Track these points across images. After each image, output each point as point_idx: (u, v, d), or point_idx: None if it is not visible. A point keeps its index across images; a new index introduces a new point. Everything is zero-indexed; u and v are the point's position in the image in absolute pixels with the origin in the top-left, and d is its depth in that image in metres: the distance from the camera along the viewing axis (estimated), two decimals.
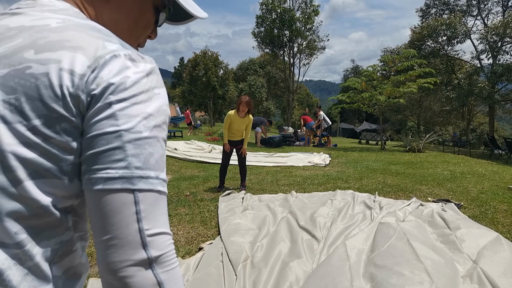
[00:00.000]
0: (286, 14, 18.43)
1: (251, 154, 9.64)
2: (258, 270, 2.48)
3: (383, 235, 2.92)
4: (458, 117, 27.79)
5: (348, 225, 3.36)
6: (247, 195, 4.56)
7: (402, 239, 2.80)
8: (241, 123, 5.12)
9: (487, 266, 2.41)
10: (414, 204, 3.99)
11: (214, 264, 2.57)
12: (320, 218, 3.47)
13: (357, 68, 44.44)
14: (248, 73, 41.46)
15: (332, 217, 3.60)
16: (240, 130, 5.18)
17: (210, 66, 27.68)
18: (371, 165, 7.47)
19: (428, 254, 2.55)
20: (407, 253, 2.55)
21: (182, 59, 60.22)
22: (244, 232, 3.20)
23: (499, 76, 18.74)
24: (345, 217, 3.59)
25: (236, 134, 5.20)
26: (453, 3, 22.55)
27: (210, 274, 2.45)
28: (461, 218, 3.51)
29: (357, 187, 5.23)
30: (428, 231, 3.18)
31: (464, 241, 2.86)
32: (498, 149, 12.80)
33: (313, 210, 3.74)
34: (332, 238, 3.02)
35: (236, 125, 5.12)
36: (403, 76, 11.53)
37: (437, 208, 3.79)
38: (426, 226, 3.30)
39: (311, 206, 4.01)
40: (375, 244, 2.78)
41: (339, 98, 13.39)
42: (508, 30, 18.41)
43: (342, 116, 42.75)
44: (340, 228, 3.26)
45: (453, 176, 5.99)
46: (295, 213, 3.65)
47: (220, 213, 3.84)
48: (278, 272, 2.46)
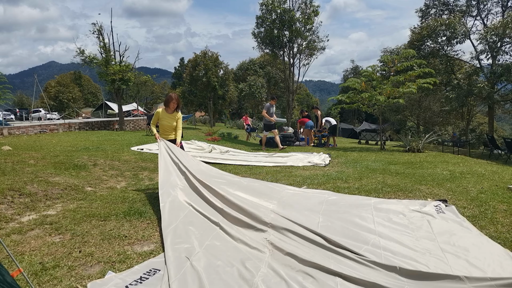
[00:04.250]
0: (286, 14, 18.44)
1: (251, 154, 9.64)
2: None
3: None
4: (457, 117, 27.80)
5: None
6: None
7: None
8: (170, 119, 5.33)
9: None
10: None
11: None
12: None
13: (356, 68, 44.42)
14: (248, 74, 41.48)
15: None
16: (171, 127, 5.38)
17: (210, 67, 27.67)
18: (371, 165, 7.48)
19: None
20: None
21: (182, 59, 60.23)
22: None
23: (499, 76, 18.73)
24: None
25: (168, 131, 5.41)
26: (453, 4, 22.55)
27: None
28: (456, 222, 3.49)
29: (356, 187, 5.24)
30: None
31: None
32: (498, 149, 12.81)
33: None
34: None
35: (166, 121, 5.33)
36: (402, 77, 11.53)
37: (431, 211, 3.75)
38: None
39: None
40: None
41: (339, 98, 13.39)
42: (507, 31, 18.41)
43: (342, 116, 42.74)
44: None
45: (453, 176, 6.00)
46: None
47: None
48: None
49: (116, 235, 3.36)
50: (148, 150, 9.53)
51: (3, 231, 3.46)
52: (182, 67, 51.88)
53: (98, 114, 37.09)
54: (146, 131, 17.23)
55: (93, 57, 18.12)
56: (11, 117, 25.44)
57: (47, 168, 6.16)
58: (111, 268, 2.69)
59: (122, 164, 7.37)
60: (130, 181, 6.01)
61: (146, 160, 8.03)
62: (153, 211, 4.16)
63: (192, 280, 2.39)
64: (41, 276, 2.54)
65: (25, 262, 2.75)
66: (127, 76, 18.27)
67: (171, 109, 5.28)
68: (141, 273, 2.56)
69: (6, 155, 7.09)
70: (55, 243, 3.16)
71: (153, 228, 3.61)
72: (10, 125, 15.10)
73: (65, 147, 9.56)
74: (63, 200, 4.63)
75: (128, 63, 18.79)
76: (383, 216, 3.52)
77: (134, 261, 2.82)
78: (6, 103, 21.74)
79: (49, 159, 7.03)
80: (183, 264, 2.61)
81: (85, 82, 55.75)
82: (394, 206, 3.86)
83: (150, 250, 3.05)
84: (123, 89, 20.40)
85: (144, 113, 31.45)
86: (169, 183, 4.21)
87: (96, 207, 4.34)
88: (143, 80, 29.10)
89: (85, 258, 2.86)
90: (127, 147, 10.06)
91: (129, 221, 3.78)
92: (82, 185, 5.39)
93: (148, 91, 56.39)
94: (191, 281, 2.38)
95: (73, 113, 38.20)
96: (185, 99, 30.54)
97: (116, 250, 3.03)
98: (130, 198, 4.81)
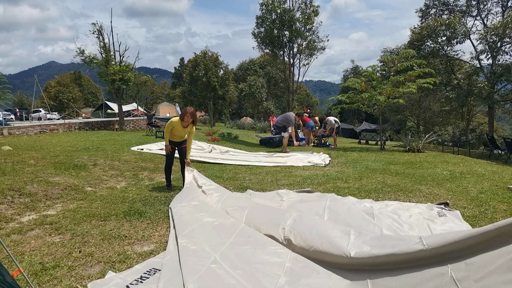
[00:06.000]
0: (286, 14, 18.42)
1: (251, 154, 9.64)
2: None
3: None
4: (457, 117, 27.81)
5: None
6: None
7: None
8: (183, 131, 5.25)
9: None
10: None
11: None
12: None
13: (356, 68, 44.43)
14: (248, 74, 41.45)
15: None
16: (181, 137, 5.32)
17: (210, 67, 27.63)
18: (371, 165, 7.48)
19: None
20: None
21: (183, 59, 60.25)
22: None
23: (499, 76, 18.73)
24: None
25: (177, 138, 5.33)
26: (453, 4, 22.54)
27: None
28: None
29: (356, 187, 5.24)
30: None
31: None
32: (498, 149, 12.81)
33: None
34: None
35: (178, 132, 5.23)
36: (402, 77, 11.54)
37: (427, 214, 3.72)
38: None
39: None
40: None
41: (339, 98, 13.41)
42: (507, 31, 18.41)
43: (342, 116, 42.74)
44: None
45: (453, 176, 6.00)
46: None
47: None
48: None
49: (116, 235, 3.36)
50: (148, 150, 9.54)
51: (3, 231, 3.46)
52: (182, 67, 51.86)
53: (98, 114, 37.10)
54: (146, 131, 17.22)
55: (93, 57, 18.09)
56: (11, 117, 25.42)
57: (47, 168, 6.16)
58: (111, 268, 2.69)
59: (122, 164, 7.37)
60: (130, 181, 6.01)
61: (146, 160, 8.03)
62: (153, 211, 4.16)
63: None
64: (41, 276, 2.54)
65: (25, 262, 2.75)
66: (127, 76, 18.25)
67: (185, 123, 5.13)
68: (141, 273, 2.56)
69: (6, 155, 7.09)
70: (55, 243, 3.16)
71: (153, 228, 3.61)
72: (10, 125, 15.09)
73: (65, 147, 9.56)
74: (63, 200, 4.63)
75: (128, 63, 18.77)
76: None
77: (134, 261, 2.82)
78: (6, 103, 21.70)
79: (49, 159, 7.03)
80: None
81: (85, 82, 55.76)
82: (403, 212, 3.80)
83: (150, 250, 3.05)
84: (123, 89, 20.38)
85: (144, 113, 31.45)
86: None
87: (96, 207, 4.34)
88: (143, 80, 29.07)
89: (85, 258, 2.86)
90: (127, 147, 10.06)
91: (129, 221, 3.78)
92: (82, 185, 5.39)
93: (148, 91, 56.42)
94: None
95: (73, 113, 38.20)
96: (185, 99, 30.52)
97: (116, 250, 3.03)
98: (130, 198, 4.81)
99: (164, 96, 58.50)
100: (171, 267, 2.59)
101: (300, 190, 4.95)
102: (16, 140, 11.39)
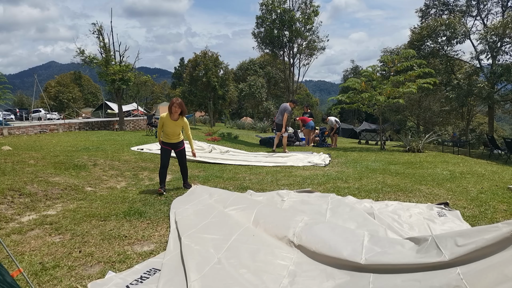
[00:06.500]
0: (286, 14, 18.43)
1: (251, 154, 9.64)
2: None
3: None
4: (457, 117, 27.80)
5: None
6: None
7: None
8: (174, 126, 5.03)
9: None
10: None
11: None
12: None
13: (356, 68, 44.44)
14: (248, 74, 41.46)
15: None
16: (175, 133, 5.11)
17: (210, 67, 27.64)
18: (371, 165, 7.48)
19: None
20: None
21: (183, 59, 60.26)
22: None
23: (499, 76, 18.73)
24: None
25: (172, 137, 5.13)
26: (453, 4, 22.55)
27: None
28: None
29: (356, 187, 5.24)
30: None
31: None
32: (498, 149, 12.80)
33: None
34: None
35: (170, 128, 5.03)
36: (402, 77, 11.53)
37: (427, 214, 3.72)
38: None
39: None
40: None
41: (339, 98, 13.41)
42: (507, 31, 18.41)
43: (342, 116, 42.75)
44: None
45: (453, 176, 5.99)
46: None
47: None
48: None
49: (116, 235, 3.36)
50: (148, 150, 9.53)
51: (3, 231, 3.46)
52: (182, 67, 51.86)
53: (98, 114, 37.11)
54: (146, 131, 17.22)
55: (93, 57, 18.10)
56: (11, 117, 25.44)
57: (47, 168, 6.16)
58: (111, 268, 2.69)
59: (122, 164, 7.37)
60: (130, 181, 6.01)
61: (146, 160, 8.03)
62: (153, 211, 4.16)
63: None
64: (41, 276, 2.54)
65: (25, 262, 2.75)
66: (127, 76, 18.25)
67: (174, 116, 4.99)
68: (141, 273, 2.56)
69: (6, 155, 7.09)
70: (55, 243, 3.16)
71: (153, 228, 3.61)
72: (10, 125, 15.09)
73: (65, 147, 9.56)
74: (63, 200, 4.63)
75: (128, 63, 18.78)
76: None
77: (134, 261, 2.82)
78: (6, 103, 21.72)
79: (49, 159, 7.03)
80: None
81: (85, 82, 55.80)
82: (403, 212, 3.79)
83: (150, 250, 3.05)
84: (123, 89, 20.37)
85: (144, 113, 31.45)
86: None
87: (96, 207, 4.34)
88: (143, 80, 29.06)
89: (85, 258, 2.86)
90: (127, 147, 10.06)
91: (129, 221, 3.78)
92: (82, 185, 5.39)
93: (148, 91, 56.43)
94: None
95: (73, 113, 38.20)
96: (185, 99, 30.50)
97: (116, 250, 3.03)
98: (130, 198, 4.81)
99: (164, 96, 58.51)
100: (171, 267, 2.59)
101: (301, 190, 4.94)
102: (16, 140, 11.39)
